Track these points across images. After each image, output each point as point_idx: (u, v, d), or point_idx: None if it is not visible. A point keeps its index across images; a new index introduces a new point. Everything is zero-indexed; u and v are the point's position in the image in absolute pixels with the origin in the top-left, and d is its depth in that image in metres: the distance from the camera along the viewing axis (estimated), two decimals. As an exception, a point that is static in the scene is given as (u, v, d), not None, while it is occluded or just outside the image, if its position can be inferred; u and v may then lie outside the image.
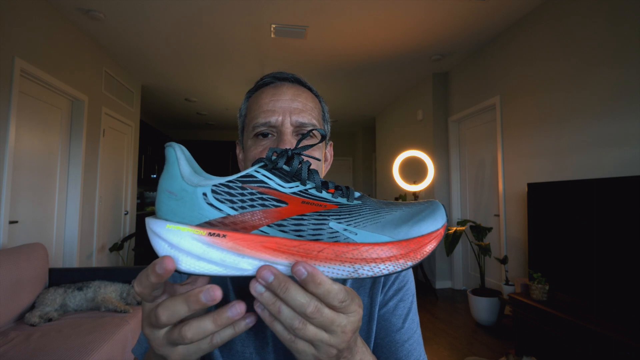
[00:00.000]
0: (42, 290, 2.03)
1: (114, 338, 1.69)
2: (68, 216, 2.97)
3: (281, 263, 0.29)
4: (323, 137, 0.36)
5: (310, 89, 0.58)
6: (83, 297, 2.03)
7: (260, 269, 0.28)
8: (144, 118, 5.52)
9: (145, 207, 5.58)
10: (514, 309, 2.28)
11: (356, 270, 0.28)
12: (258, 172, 0.31)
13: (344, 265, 0.28)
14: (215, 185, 0.30)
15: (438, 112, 4.08)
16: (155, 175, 5.80)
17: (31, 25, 2.41)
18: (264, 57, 3.65)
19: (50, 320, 1.83)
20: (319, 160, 0.38)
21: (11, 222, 2.30)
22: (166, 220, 0.29)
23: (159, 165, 6.03)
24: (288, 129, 0.51)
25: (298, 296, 0.28)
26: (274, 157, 0.33)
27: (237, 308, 0.29)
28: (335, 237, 0.29)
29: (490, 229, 2.97)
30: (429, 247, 0.29)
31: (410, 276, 0.57)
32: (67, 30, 2.85)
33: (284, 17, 2.85)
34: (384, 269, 0.28)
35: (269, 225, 0.29)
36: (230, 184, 0.30)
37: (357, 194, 0.33)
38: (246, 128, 0.56)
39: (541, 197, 2.27)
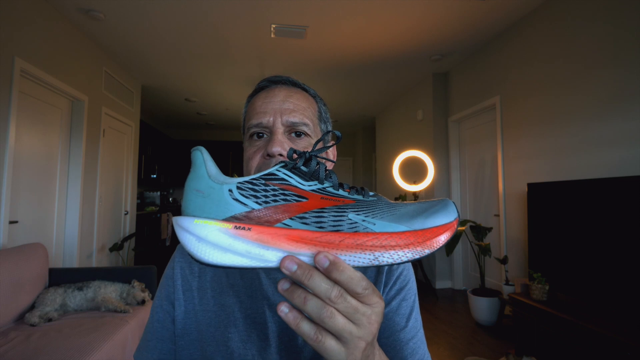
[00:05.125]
0: (42, 290, 2.03)
1: (114, 338, 1.69)
2: (68, 216, 2.97)
3: (304, 254, 0.30)
4: (338, 139, 0.38)
5: (305, 90, 0.59)
6: (83, 297, 2.03)
7: (283, 259, 0.29)
8: (144, 118, 5.52)
9: (145, 207, 5.58)
10: (514, 309, 2.28)
11: (377, 258, 0.29)
12: (279, 171, 0.33)
13: (365, 253, 0.29)
14: (240, 183, 0.32)
15: (438, 112, 4.07)
16: (155, 175, 5.80)
17: (31, 25, 2.41)
18: (264, 57, 3.65)
19: (50, 320, 1.83)
20: (334, 162, 0.39)
21: (11, 222, 2.30)
22: (194, 216, 0.30)
23: (159, 165, 6.03)
24: (279, 128, 0.52)
25: (322, 282, 0.28)
26: (294, 157, 0.35)
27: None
28: (355, 227, 0.30)
29: (490, 229, 2.97)
30: (444, 237, 0.30)
31: (411, 276, 0.58)
32: (67, 30, 2.85)
33: (284, 17, 2.85)
34: (403, 255, 0.29)
35: (291, 218, 0.31)
36: (254, 181, 0.32)
37: (371, 193, 0.35)
38: (245, 131, 0.58)
39: (541, 197, 2.27)
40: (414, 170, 4.23)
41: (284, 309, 0.30)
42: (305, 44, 3.34)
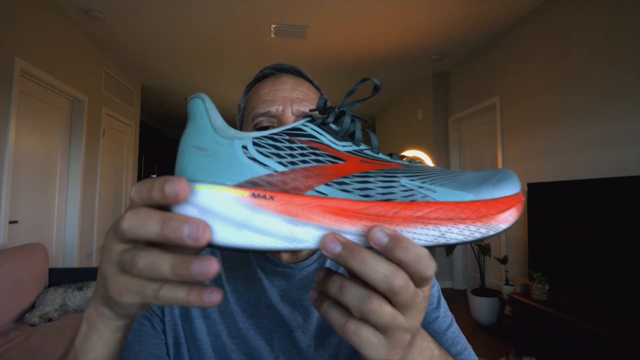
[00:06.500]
0: (42, 290, 2.03)
1: (114, 338, 1.69)
2: (68, 216, 2.97)
3: (348, 231, 0.22)
4: (376, 88, 0.29)
5: (310, 81, 0.56)
6: (83, 297, 2.03)
7: (325, 238, 0.22)
8: (144, 118, 5.52)
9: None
10: (514, 309, 2.28)
11: (443, 234, 0.22)
12: (306, 126, 0.26)
13: (428, 228, 0.22)
14: (257, 138, 0.25)
15: (438, 112, 4.07)
16: (155, 175, 5.80)
17: (31, 25, 2.41)
18: (264, 57, 3.65)
19: (50, 320, 1.83)
20: (367, 121, 0.31)
21: (11, 222, 2.30)
22: (194, 181, 0.23)
23: (159, 165, 6.03)
24: (289, 118, 0.48)
25: (380, 267, 0.21)
26: (324, 109, 0.28)
27: (205, 265, 0.20)
28: (411, 195, 0.23)
29: (490, 229, 2.96)
30: (516, 212, 0.24)
31: None
32: (67, 30, 2.85)
33: (284, 17, 2.85)
34: (475, 231, 0.23)
35: (327, 184, 0.24)
36: (276, 137, 0.25)
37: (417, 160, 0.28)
38: (245, 121, 0.53)
39: (541, 197, 2.27)
40: (414, 170, 4.23)
41: (312, 295, 0.25)
42: (305, 44, 3.33)
